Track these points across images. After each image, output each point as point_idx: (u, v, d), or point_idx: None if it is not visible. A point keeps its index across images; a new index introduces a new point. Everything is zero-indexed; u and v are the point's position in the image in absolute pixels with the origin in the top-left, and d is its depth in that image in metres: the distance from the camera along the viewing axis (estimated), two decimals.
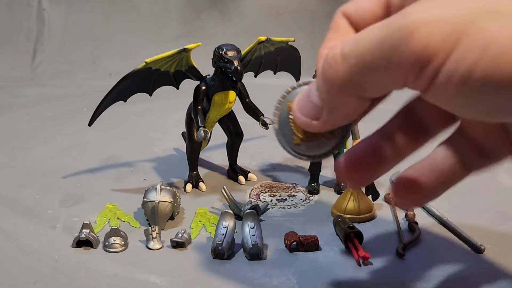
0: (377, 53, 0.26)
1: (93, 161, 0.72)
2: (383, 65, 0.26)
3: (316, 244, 0.51)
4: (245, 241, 0.50)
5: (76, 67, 1.16)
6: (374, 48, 0.26)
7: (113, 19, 1.23)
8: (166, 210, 0.55)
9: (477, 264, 0.49)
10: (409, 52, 0.25)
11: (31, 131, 0.84)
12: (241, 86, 0.63)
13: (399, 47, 0.25)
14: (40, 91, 1.04)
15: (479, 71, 0.24)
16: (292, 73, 0.72)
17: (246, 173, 0.66)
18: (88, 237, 0.51)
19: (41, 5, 1.24)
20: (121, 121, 0.86)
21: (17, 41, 1.22)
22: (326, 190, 0.64)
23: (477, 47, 0.24)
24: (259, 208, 0.57)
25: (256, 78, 0.69)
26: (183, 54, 0.59)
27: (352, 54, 0.27)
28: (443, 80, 0.25)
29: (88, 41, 1.21)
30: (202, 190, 0.64)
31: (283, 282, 0.46)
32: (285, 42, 0.66)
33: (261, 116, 0.62)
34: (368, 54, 0.27)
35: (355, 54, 0.27)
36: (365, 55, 0.27)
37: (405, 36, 0.25)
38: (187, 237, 0.52)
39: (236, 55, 0.58)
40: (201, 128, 0.59)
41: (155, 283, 0.46)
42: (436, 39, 0.25)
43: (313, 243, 0.51)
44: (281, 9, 1.19)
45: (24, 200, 0.62)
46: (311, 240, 0.51)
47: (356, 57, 0.27)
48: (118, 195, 0.63)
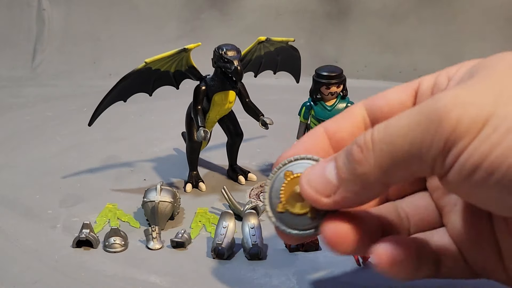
0: (408, 138, 0.26)
1: (93, 161, 0.72)
2: (414, 151, 0.26)
3: (316, 244, 0.51)
4: (245, 241, 0.50)
5: (76, 67, 1.16)
6: (405, 133, 0.26)
7: (113, 19, 1.23)
8: (166, 210, 0.55)
9: None
10: (439, 135, 0.25)
11: (31, 131, 0.84)
12: (241, 86, 0.63)
13: (430, 130, 0.25)
14: (40, 91, 1.04)
15: (489, 159, 0.24)
16: (292, 73, 0.72)
17: (246, 173, 0.66)
18: (88, 237, 0.51)
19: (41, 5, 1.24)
20: (121, 121, 0.86)
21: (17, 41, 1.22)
22: None
23: (504, 127, 0.24)
24: (259, 208, 0.57)
25: (256, 78, 0.69)
26: (183, 54, 0.59)
27: (383, 140, 0.27)
28: (460, 163, 0.25)
29: (88, 41, 1.21)
30: (202, 190, 0.64)
31: (283, 282, 0.46)
32: (285, 42, 0.66)
33: (261, 116, 0.62)
34: (399, 140, 0.26)
35: (387, 140, 0.27)
36: (396, 140, 0.26)
37: (436, 120, 0.25)
38: (187, 237, 0.52)
39: (236, 55, 0.58)
40: (201, 128, 0.59)
41: (155, 283, 0.46)
42: (465, 121, 0.25)
43: (313, 243, 0.51)
44: (281, 9, 1.19)
45: (24, 200, 0.62)
46: (311, 240, 0.51)
47: (387, 144, 0.27)
48: (118, 195, 0.63)
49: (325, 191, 0.29)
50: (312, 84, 0.62)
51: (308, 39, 1.14)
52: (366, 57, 1.12)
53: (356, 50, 1.13)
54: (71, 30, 1.23)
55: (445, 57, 1.08)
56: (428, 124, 0.25)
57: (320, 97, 0.62)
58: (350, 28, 1.15)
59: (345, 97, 0.62)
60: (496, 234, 0.30)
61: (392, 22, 1.13)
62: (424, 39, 1.10)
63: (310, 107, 0.63)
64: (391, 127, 0.27)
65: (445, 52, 1.08)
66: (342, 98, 0.62)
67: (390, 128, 0.27)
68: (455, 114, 0.25)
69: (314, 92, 0.62)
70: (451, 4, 1.09)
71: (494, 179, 0.24)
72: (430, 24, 1.10)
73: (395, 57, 1.11)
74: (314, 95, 0.62)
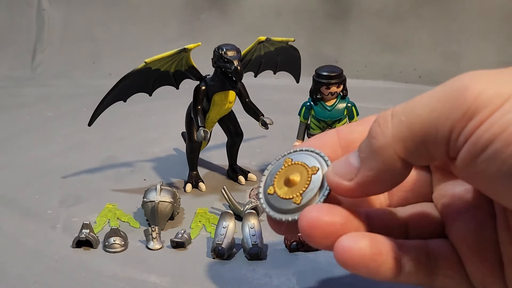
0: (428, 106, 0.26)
1: (93, 161, 0.72)
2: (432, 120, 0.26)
3: None
4: (245, 241, 0.50)
5: (75, 67, 1.16)
6: (426, 102, 0.26)
7: (113, 19, 1.23)
8: (166, 210, 0.55)
9: None
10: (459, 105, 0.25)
11: (31, 131, 0.84)
12: (241, 86, 0.63)
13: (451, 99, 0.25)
14: (40, 91, 1.04)
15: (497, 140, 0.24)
16: (292, 73, 0.72)
17: (246, 173, 0.66)
18: (88, 237, 0.51)
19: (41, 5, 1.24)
20: (121, 121, 0.86)
21: (17, 41, 1.22)
22: None
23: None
24: (259, 208, 0.57)
25: (256, 78, 0.69)
26: (183, 54, 0.59)
27: (403, 111, 0.27)
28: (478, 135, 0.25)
29: (88, 41, 1.21)
30: (202, 190, 0.64)
31: (283, 282, 0.46)
32: (285, 42, 0.66)
33: (261, 116, 0.62)
34: (419, 109, 0.26)
35: (406, 111, 0.27)
36: (417, 109, 0.26)
37: (459, 90, 0.25)
38: (187, 237, 0.52)
39: (236, 55, 0.58)
40: (201, 128, 0.59)
41: (155, 283, 0.46)
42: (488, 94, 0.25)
43: None
44: (281, 9, 1.19)
45: (24, 200, 0.62)
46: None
47: (406, 114, 0.27)
48: (118, 195, 0.63)
49: (347, 174, 0.29)
50: (312, 84, 0.62)
51: (308, 39, 1.14)
52: (366, 57, 1.12)
53: (356, 50, 1.13)
54: (71, 30, 1.22)
55: (445, 57, 1.08)
56: (450, 93, 0.25)
57: (320, 97, 0.62)
58: (350, 28, 1.15)
59: (345, 97, 0.62)
60: (499, 246, 0.30)
61: (392, 22, 1.12)
62: (424, 39, 1.10)
63: (310, 107, 0.63)
64: (414, 100, 0.27)
65: (445, 52, 1.08)
66: (342, 98, 0.62)
67: (412, 101, 0.27)
68: (479, 86, 0.25)
69: (314, 92, 0.62)
70: (451, 4, 1.09)
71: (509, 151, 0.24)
72: (430, 24, 1.10)
73: (395, 57, 1.11)
74: (314, 95, 0.62)
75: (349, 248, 0.28)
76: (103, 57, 1.18)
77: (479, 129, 0.25)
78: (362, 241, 0.29)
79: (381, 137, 0.27)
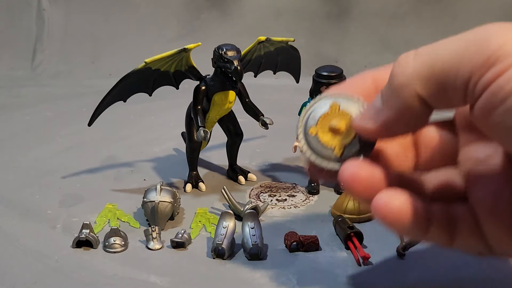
0: (451, 48, 0.27)
1: (93, 161, 0.72)
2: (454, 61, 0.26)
3: (316, 244, 0.51)
4: (245, 241, 0.50)
5: (75, 67, 1.16)
6: (451, 45, 0.27)
7: (113, 19, 1.23)
8: (166, 210, 0.55)
9: (478, 264, 0.49)
10: (483, 50, 0.25)
11: (31, 131, 0.84)
12: (241, 86, 0.63)
13: (475, 43, 0.26)
14: (40, 91, 1.04)
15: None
16: (292, 73, 0.72)
17: (246, 173, 0.66)
18: (88, 237, 0.51)
19: (41, 5, 1.24)
20: (121, 121, 0.86)
21: (17, 41, 1.22)
22: (326, 190, 0.64)
23: None
24: (259, 208, 0.57)
25: (256, 78, 0.69)
26: (183, 54, 0.59)
27: (426, 51, 0.27)
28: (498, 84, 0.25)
29: (88, 41, 1.21)
30: (202, 190, 0.64)
31: (283, 282, 0.46)
32: (285, 42, 0.66)
33: (261, 116, 0.62)
34: (442, 49, 0.27)
35: (429, 51, 0.27)
36: (440, 51, 0.27)
37: (485, 36, 0.26)
38: (187, 237, 0.52)
39: (236, 55, 0.58)
40: (201, 128, 0.59)
41: (155, 283, 0.46)
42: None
43: (313, 243, 0.51)
44: (281, 9, 1.18)
45: (24, 200, 0.62)
46: (311, 240, 0.51)
47: (428, 53, 0.27)
48: (118, 195, 0.63)
49: (372, 116, 0.30)
50: (312, 84, 0.62)
51: (308, 39, 1.13)
52: (366, 57, 1.12)
53: (356, 50, 1.13)
54: (71, 30, 1.22)
55: None
56: (474, 40, 0.26)
57: None
58: (350, 28, 1.15)
59: None
60: None
61: (392, 22, 1.12)
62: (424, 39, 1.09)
63: None
64: (438, 43, 0.28)
65: None
66: None
67: (437, 43, 0.28)
68: (504, 37, 0.25)
69: (314, 92, 0.62)
70: (451, 4, 1.09)
71: None
72: (430, 24, 1.10)
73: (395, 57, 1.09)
74: (314, 95, 0.62)
75: (386, 204, 0.29)
76: (103, 57, 1.18)
77: (498, 79, 0.25)
78: (400, 198, 0.29)
79: (401, 76, 0.28)
